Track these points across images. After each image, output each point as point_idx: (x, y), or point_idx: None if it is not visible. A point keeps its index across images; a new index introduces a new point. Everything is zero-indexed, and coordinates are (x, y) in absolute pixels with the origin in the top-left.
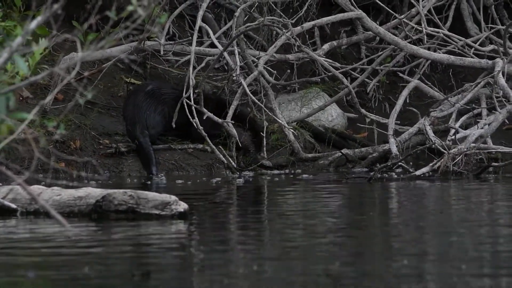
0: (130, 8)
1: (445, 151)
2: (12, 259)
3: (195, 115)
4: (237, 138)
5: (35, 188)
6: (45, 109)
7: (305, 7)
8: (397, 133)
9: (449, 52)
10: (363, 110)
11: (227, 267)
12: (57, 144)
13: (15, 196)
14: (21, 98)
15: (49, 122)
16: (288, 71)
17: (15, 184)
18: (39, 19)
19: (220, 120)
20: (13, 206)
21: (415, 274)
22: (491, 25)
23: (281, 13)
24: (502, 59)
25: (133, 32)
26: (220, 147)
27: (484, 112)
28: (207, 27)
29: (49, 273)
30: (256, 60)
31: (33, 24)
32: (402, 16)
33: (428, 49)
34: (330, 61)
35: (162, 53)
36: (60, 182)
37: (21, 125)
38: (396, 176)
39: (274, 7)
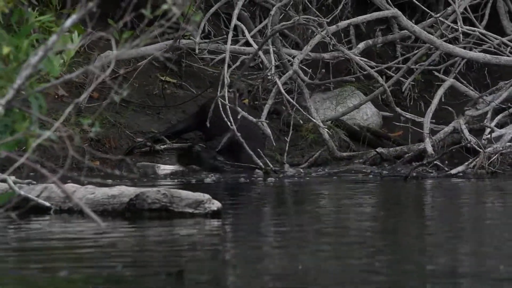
0: (164, 6)
1: (480, 150)
2: (46, 257)
3: (230, 114)
4: (271, 137)
5: (69, 186)
6: (80, 107)
7: (341, 6)
8: (432, 132)
9: (485, 51)
10: (398, 109)
11: (260, 265)
12: (92, 142)
13: (49, 194)
14: (56, 96)
15: (84, 120)
16: (323, 70)
17: (50, 182)
18: (74, 17)
19: (254, 119)
20: (47, 204)
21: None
22: None
23: (316, 12)
24: None
25: (168, 30)
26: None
27: None
28: (242, 25)
29: (82, 271)
30: (291, 59)
31: (68, 22)
32: (438, 15)
33: (464, 47)
34: (366, 60)
35: (197, 51)
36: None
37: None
38: (431, 174)
39: (309, 5)
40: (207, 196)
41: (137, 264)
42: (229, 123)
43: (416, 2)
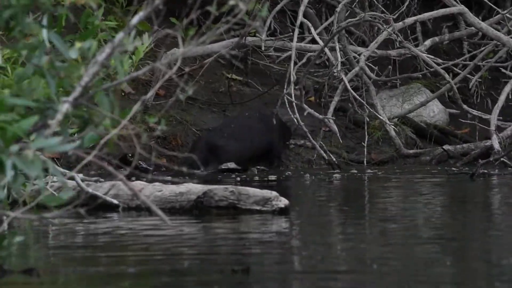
0: (231, 2)
1: None
2: (114, 254)
3: (296, 111)
4: (338, 134)
5: (137, 184)
6: (146, 105)
7: (407, 2)
8: (499, 129)
9: None
10: (465, 106)
11: (328, 263)
12: (159, 140)
13: (117, 192)
14: (123, 94)
15: (150, 118)
16: (390, 67)
17: (117, 180)
18: (141, 14)
19: (320, 116)
20: (115, 201)
21: None
22: None
23: (383, 9)
24: None
25: (235, 27)
26: (322, 142)
27: None
28: (308, 22)
29: (150, 267)
30: (357, 56)
31: (135, 20)
32: (505, 11)
33: None
34: (432, 56)
35: (263, 48)
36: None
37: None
38: (498, 172)
39: (375, 2)
40: (274, 193)
41: (204, 261)
42: (296, 120)
43: None
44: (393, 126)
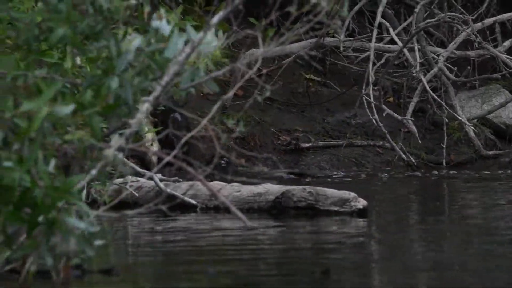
0: (313, 0)
1: None
2: (192, 253)
3: (374, 112)
4: (417, 135)
5: (215, 184)
6: (225, 105)
7: (486, 3)
8: None
9: None
10: None
11: (408, 264)
12: (237, 140)
13: (195, 192)
14: (202, 94)
15: (228, 119)
16: (469, 67)
17: (196, 180)
18: (220, 14)
19: (399, 117)
20: (193, 202)
21: None
22: None
23: (461, 9)
24: None
25: (316, 26)
26: (401, 143)
27: None
28: (386, 23)
29: (228, 267)
30: (436, 57)
31: (215, 20)
32: None
33: None
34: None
35: (341, 49)
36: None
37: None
38: None
39: (454, 3)
40: (353, 194)
41: (282, 262)
42: None
43: None
44: (472, 127)
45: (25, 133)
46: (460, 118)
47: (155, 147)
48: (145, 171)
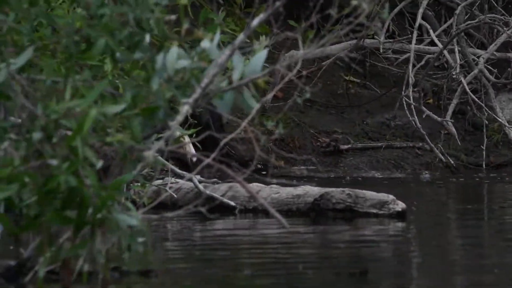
0: (354, 2)
1: None
2: (230, 255)
3: (414, 113)
4: (456, 137)
5: (254, 186)
6: (264, 107)
7: None
8: None
9: None
10: None
11: (447, 268)
12: (276, 142)
13: (234, 194)
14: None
15: (267, 121)
16: (509, 69)
17: (235, 182)
18: (261, 16)
19: (439, 119)
20: (232, 203)
21: None
22: None
23: (502, 11)
24: None
25: (356, 28)
26: (440, 145)
27: None
28: (427, 24)
29: (266, 269)
30: (477, 59)
31: (255, 22)
32: None
33: None
34: None
35: (381, 51)
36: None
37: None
38: None
39: (495, 4)
40: (391, 196)
41: (321, 264)
42: None
43: None
44: None
45: (77, 133)
46: (500, 120)
47: (190, 149)
48: (184, 172)
